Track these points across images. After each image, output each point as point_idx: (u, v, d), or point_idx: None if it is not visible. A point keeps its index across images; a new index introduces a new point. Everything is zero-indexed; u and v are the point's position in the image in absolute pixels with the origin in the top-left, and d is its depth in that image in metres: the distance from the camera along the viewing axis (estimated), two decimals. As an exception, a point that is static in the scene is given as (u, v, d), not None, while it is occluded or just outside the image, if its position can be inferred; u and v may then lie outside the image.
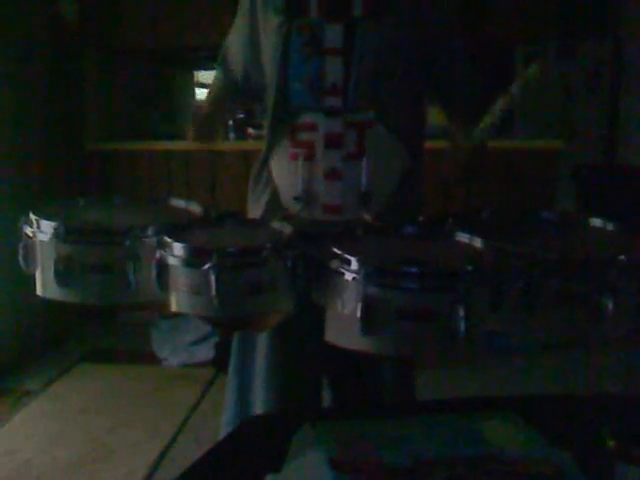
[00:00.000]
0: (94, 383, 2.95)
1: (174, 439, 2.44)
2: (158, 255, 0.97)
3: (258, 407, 1.47)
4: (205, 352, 3.11)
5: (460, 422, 1.01)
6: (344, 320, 0.92)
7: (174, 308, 0.99)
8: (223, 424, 1.56)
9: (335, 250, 0.93)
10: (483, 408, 1.08)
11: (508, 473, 0.88)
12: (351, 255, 0.90)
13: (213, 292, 0.92)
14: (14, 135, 3.10)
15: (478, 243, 1.01)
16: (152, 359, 3.16)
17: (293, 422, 1.02)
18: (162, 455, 2.32)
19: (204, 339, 3.14)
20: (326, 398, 1.58)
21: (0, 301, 2.98)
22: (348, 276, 0.90)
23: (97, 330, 3.44)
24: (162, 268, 0.97)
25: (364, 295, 0.87)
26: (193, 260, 0.95)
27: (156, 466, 2.25)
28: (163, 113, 4.28)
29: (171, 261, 0.96)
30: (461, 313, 0.86)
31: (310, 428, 0.99)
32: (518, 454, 0.92)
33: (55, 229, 1.01)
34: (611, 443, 0.84)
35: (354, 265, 0.89)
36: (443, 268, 0.92)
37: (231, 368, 1.56)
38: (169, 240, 0.97)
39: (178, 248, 0.96)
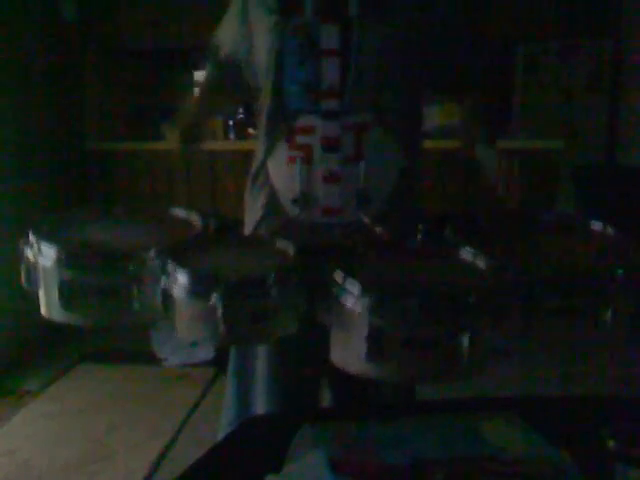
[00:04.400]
0: (94, 383, 2.95)
1: (174, 439, 2.43)
2: (163, 284, 0.97)
3: (258, 408, 1.47)
4: (205, 352, 3.11)
5: (460, 422, 1.01)
6: (348, 346, 0.92)
7: (179, 334, 1.00)
8: (223, 425, 1.55)
9: (338, 277, 0.93)
10: (483, 408, 1.08)
11: (508, 473, 0.88)
12: (354, 282, 0.90)
13: (218, 321, 0.92)
14: (14, 135, 3.10)
15: (481, 262, 1.01)
16: (152, 359, 3.16)
17: (293, 422, 1.02)
18: (162, 455, 2.32)
19: (204, 339, 3.14)
20: (326, 398, 1.57)
21: (0, 301, 2.98)
22: (352, 305, 0.90)
23: (97, 330, 3.43)
24: (167, 296, 0.97)
25: (369, 324, 0.87)
26: (197, 290, 0.95)
27: (156, 466, 2.25)
28: (163, 113, 4.28)
29: (175, 290, 0.97)
30: (465, 340, 0.86)
31: (310, 428, 0.99)
32: (518, 454, 0.92)
33: (57, 254, 1.01)
34: (611, 443, 0.84)
35: (357, 294, 0.90)
36: (447, 299, 0.91)
37: (230, 369, 1.56)
38: (172, 268, 0.97)
39: (182, 277, 0.96)
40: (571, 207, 3.57)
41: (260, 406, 1.47)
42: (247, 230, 1.51)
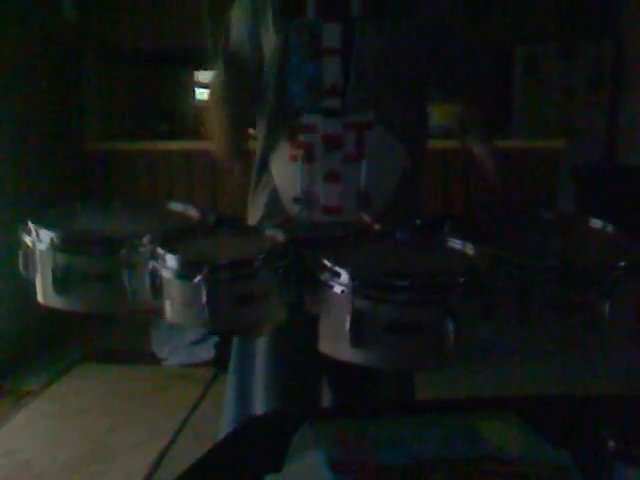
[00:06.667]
0: (94, 383, 2.95)
1: (174, 439, 2.44)
2: (151, 266, 0.98)
3: (258, 408, 1.47)
4: (205, 352, 3.11)
5: (460, 422, 1.01)
6: (335, 332, 0.92)
7: (168, 318, 1.00)
8: (223, 425, 1.55)
9: (325, 262, 0.93)
10: (483, 408, 1.08)
11: (508, 473, 0.88)
12: (341, 267, 0.90)
13: (204, 304, 0.92)
14: (14, 135, 3.10)
15: (470, 250, 1.01)
16: (152, 359, 3.16)
17: (293, 422, 1.02)
18: (162, 455, 2.32)
19: (204, 339, 3.14)
20: (326, 398, 1.58)
21: (0, 302, 2.98)
22: (337, 289, 0.90)
23: (97, 330, 3.44)
24: (155, 279, 0.98)
25: (353, 308, 0.87)
26: (184, 273, 0.95)
27: (156, 466, 2.25)
28: (163, 113, 4.28)
29: (164, 273, 0.97)
30: (450, 324, 0.86)
31: (310, 428, 0.99)
32: (518, 454, 0.92)
33: (52, 239, 1.02)
34: (611, 443, 0.84)
35: (343, 278, 0.89)
36: (433, 281, 0.91)
37: (231, 369, 1.56)
38: (162, 251, 0.98)
39: (170, 260, 0.96)
40: (571, 207, 3.58)
41: (260, 406, 1.47)
42: None
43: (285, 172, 1.43)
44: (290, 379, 1.45)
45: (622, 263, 0.94)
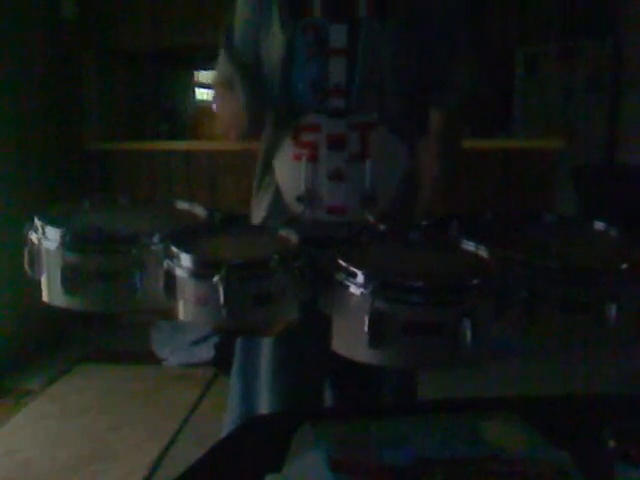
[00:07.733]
0: (94, 383, 2.95)
1: (174, 439, 2.44)
2: (166, 265, 0.97)
3: (263, 409, 1.47)
4: (205, 352, 3.11)
5: (460, 422, 1.01)
6: (351, 333, 0.92)
7: (181, 317, 0.99)
8: (227, 426, 1.55)
9: (341, 262, 0.93)
10: (483, 408, 1.08)
11: (508, 473, 0.88)
12: (357, 268, 0.90)
13: (221, 304, 0.92)
14: (14, 135, 3.10)
15: (483, 252, 1.01)
16: (152, 359, 3.16)
17: (293, 422, 1.02)
18: (162, 455, 2.32)
19: (204, 339, 3.14)
20: (327, 398, 1.57)
21: (0, 301, 2.98)
22: (355, 289, 0.90)
23: (97, 330, 3.44)
24: (169, 278, 0.97)
25: (371, 309, 0.87)
26: (201, 272, 0.95)
27: (156, 466, 2.25)
28: (163, 113, 4.28)
29: (178, 272, 0.96)
30: (467, 325, 0.86)
31: (310, 428, 0.99)
32: (518, 454, 0.92)
33: (61, 237, 1.00)
34: (611, 443, 0.84)
35: (360, 279, 0.89)
36: (449, 282, 0.92)
37: (234, 370, 1.55)
38: (176, 250, 0.97)
39: (186, 259, 0.96)
40: (571, 207, 3.57)
41: (265, 407, 1.47)
42: None
43: (289, 171, 1.43)
44: (295, 380, 1.45)
45: (626, 265, 0.94)
